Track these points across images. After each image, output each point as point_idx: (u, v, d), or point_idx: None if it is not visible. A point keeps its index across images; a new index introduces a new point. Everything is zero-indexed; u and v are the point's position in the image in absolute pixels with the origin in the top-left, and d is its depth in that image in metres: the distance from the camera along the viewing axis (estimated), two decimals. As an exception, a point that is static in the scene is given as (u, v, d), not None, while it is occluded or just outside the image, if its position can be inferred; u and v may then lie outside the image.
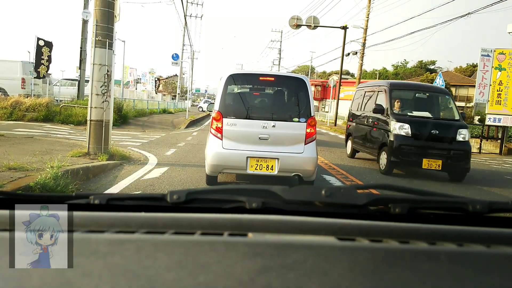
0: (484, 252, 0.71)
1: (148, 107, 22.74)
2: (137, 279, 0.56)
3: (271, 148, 4.88)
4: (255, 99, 5.63)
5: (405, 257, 0.66)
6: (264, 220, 0.80)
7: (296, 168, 4.93)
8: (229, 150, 4.87)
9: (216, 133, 4.92)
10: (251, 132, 4.89)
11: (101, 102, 6.72)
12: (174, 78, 58.16)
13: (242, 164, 4.83)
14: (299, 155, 4.92)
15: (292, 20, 23.74)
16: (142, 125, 16.29)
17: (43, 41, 14.35)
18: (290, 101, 5.39)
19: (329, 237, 0.74)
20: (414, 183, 7.28)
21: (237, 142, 4.90)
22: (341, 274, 0.59)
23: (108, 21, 6.67)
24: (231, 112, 4.98)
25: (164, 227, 0.76)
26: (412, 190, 0.96)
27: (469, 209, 0.87)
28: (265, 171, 4.86)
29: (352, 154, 10.15)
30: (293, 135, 4.97)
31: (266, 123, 4.89)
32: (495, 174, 9.80)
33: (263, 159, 4.85)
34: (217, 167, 4.92)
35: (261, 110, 5.25)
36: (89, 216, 0.79)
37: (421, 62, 67.18)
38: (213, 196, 0.92)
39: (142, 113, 19.78)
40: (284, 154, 4.87)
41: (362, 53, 27.21)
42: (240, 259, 0.62)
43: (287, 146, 4.92)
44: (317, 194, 0.87)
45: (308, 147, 4.96)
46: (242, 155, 4.83)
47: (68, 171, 4.59)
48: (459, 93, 40.52)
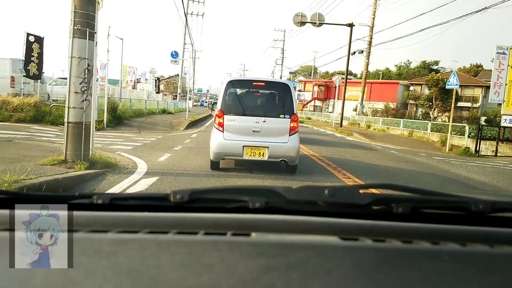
0: (487, 252, 0.71)
1: (146, 107, 21.73)
2: (140, 278, 0.56)
3: (262, 139, 6.07)
4: (250, 99, 6.65)
5: (408, 257, 0.65)
6: (267, 220, 0.80)
7: (283, 154, 6.13)
8: (229, 141, 6.06)
9: (219, 127, 6.11)
10: (247, 126, 6.09)
11: (81, 102, 5.74)
12: (175, 78, 57.24)
13: (239, 152, 6.00)
14: (285, 144, 6.11)
15: (296, 17, 22.71)
16: (138, 126, 15.30)
17: (33, 37, 13.32)
18: (277, 101, 6.51)
19: (332, 237, 0.74)
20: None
21: (235, 134, 6.09)
22: (344, 273, 0.59)
23: (89, 7, 5.67)
24: (231, 110, 6.19)
25: (168, 227, 0.75)
26: (415, 190, 0.96)
27: (472, 208, 0.86)
28: (257, 157, 6.03)
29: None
30: (280, 128, 6.15)
31: (258, 119, 6.09)
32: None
33: (256, 148, 6.02)
34: (220, 154, 6.11)
35: (254, 109, 6.34)
36: (92, 216, 0.79)
37: (425, 62, 66.82)
38: (216, 196, 0.92)
39: (140, 113, 18.79)
40: (273, 143, 6.06)
41: (368, 51, 26.14)
42: (243, 259, 0.62)
43: (275, 137, 6.12)
44: (320, 193, 0.87)
45: (291, 137, 6.17)
46: (239, 145, 6.01)
47: (24, 187, 3.57)
48: (465, 93, 39.26)
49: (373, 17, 25.53)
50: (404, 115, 33.14)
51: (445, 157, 13.34)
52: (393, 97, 39.63)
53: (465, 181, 7.64)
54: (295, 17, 22.69)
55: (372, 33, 25.39)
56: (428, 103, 34.37)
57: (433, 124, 20.38)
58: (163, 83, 74.98)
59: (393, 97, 39.75)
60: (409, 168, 9.14)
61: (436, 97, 33.30)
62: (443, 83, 33.83)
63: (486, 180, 8.10)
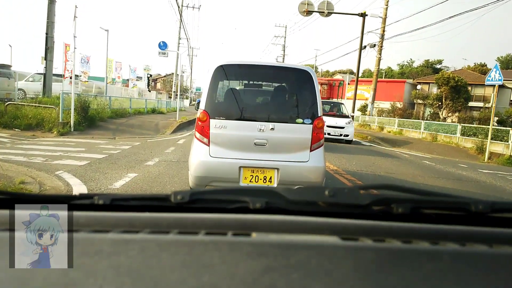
0: (487, 252, 0.71)
1: (132, 106, 18.98)
2: (141, 279, 0.57)
3: (269, 156, 4.02)
4: (250, 96, 4.79)
5: (408, 257, 0.66)
6: (267, 220, 0.80)
7: (300, 180, 4.04)
8: (218, 159, 3.96)
9: (202, 138, 3.98)
10: (245, 136, 4.01)
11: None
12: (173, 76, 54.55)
13: (234, 176, 3.93)
14: (304, 164, 4.06)
15: (302, 6, 20.16)
16: (115, 129, 12.62)
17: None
18: (293, 98, 4.41)
19: (333, 237, 0.74)
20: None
21: (228, 149, 3.99)
22: (344, 274, 0.60)
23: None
24: (220, 112, 4.05)
25: (168, 227, 0.75)
26: (415, 190, 0.95)
27: (471, 209, 0.86)
28: (262, 184, 3.98)
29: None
30: (296, 139, 4.09)
31: (263, 125, 3.99)
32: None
33: (259, 169, 3.97)
34: (203, 179, 3.95)
35: (257, 110, 4.44)
36: (94, 216, 0.79)
37: (428, 61, 64.87)
38: (216, 196, 0.92)
39: (122, 113, 16.11)
40: (285, 163, 4.01)
41: (380, 45, 23.38)
42: (244, 259, 0.62)
43: (288, 154, 4.07)
44: (320, 194, 0.87)
45: (314, 154, 4.09)
46: (234, 165, 3.93)
47: None
48: (475, 93, 36.76)
49: (386, 7, 22.78)
50: (412, 115, 30.53)
51: (491, 168, 10.75)
52: (399, 96, 37.31)
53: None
54: (301, 5, 20.10)
55: (385, 25, 22.64)
56: (437, 103, 31.79)
57: (464, 127, 17.52)
58: (159, 81, 72.38)
59: (400, 97, 37.43)
60: (470, 189, 6.73)
61: (446, 96, 30.83)
62: (454, 82, 31.37)
63: None
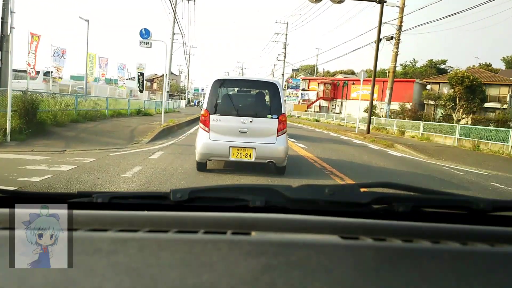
0: (488, 251, 0.71)
1: (112, 106, 15.88)
2: (140, 277, 0.56)
3: (249, 139, 5.91)
4: (237, 99, 6.69)
5: (409, 256, 0.66)
6: (267, 219, 0.80)
7: (270, 155, 5.95)
8: (215, 141, 5.90)
9: (205, 127, 5.97)
10: (233, 126, 5.94)
11: None
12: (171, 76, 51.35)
13: (226, 153, 5.86)
14: (272, 145, 5.93)
15: (311, -10, 16.93)
16: (73, 137, 9.59)
17: None
18: (265, 101, 6.52)
19: (333, 236, 0.74)
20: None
21: (221, 134, 5.93)
22: (344, 272, 0.60)
23: None
24: (217, 110, 6.06)
25: (167, 226, 0.75)
26: (416, 189, 0.95)
27: (472, 207, 0.87)
28: (244, 158, 5.87)
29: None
30: (267, 128, 6.01)
31: (245, 119, 5.93)
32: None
33: (242, 148, 5.87)
34: (205, 155, 5.98)
35: (241, 108, 6.21)
36: (92, 214, 0.79)
37: (431, 61, 62.10)
38: (216, 195, 0.92)
39: (93, 116, 13.02)
40: (260, 144, 5.90)
41: (397, 38, 20.33)
42: (243, 258, 0.62)
43: (262, 138, 5.96)
44: (320, 192, 0.87)
45: (279, 138, 5.99)
46: (225, 145, 5.85)
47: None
48: (490, 93, 33.91)
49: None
50: (422, 117, 27.43)
51: None
52: (409, 97, 34.47)
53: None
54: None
55: (403, 15, 19.47)
56: (451, 104, 28.71)
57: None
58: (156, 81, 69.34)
59: (409, 97, 34.82)
60: None
61: (460, 97, 27.76)
62: (469, 81, 28.42)
63: None
